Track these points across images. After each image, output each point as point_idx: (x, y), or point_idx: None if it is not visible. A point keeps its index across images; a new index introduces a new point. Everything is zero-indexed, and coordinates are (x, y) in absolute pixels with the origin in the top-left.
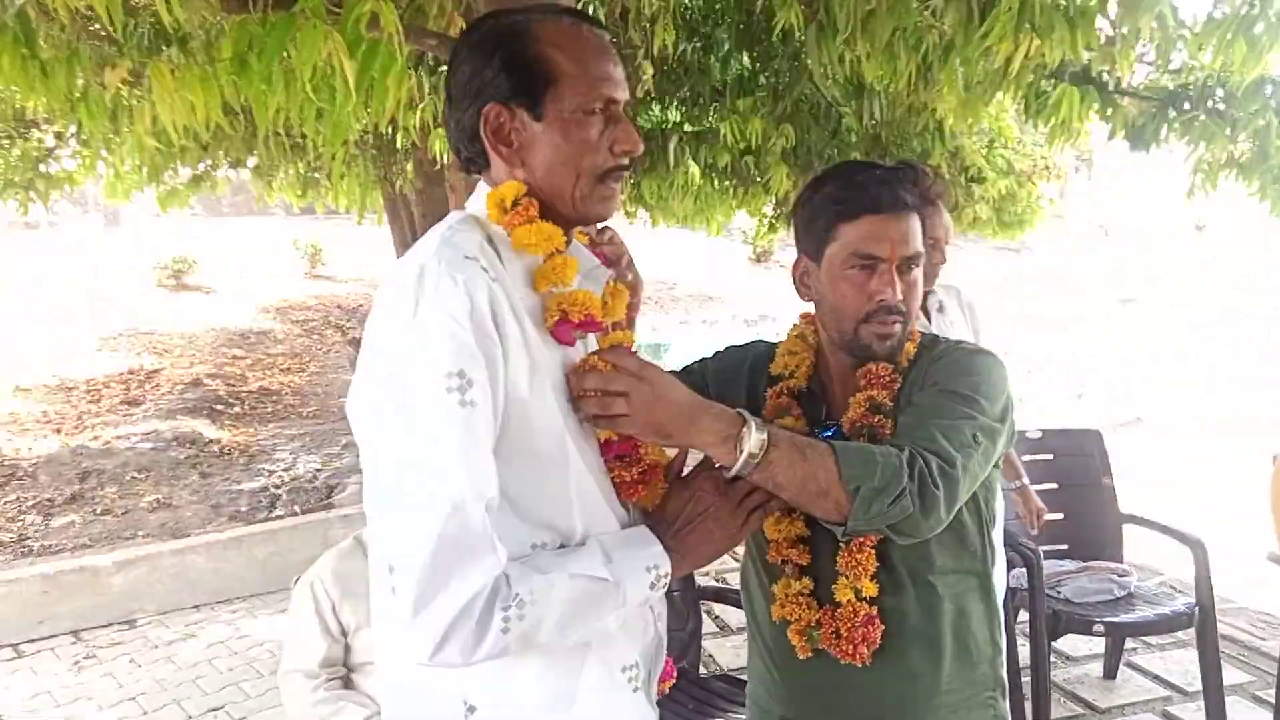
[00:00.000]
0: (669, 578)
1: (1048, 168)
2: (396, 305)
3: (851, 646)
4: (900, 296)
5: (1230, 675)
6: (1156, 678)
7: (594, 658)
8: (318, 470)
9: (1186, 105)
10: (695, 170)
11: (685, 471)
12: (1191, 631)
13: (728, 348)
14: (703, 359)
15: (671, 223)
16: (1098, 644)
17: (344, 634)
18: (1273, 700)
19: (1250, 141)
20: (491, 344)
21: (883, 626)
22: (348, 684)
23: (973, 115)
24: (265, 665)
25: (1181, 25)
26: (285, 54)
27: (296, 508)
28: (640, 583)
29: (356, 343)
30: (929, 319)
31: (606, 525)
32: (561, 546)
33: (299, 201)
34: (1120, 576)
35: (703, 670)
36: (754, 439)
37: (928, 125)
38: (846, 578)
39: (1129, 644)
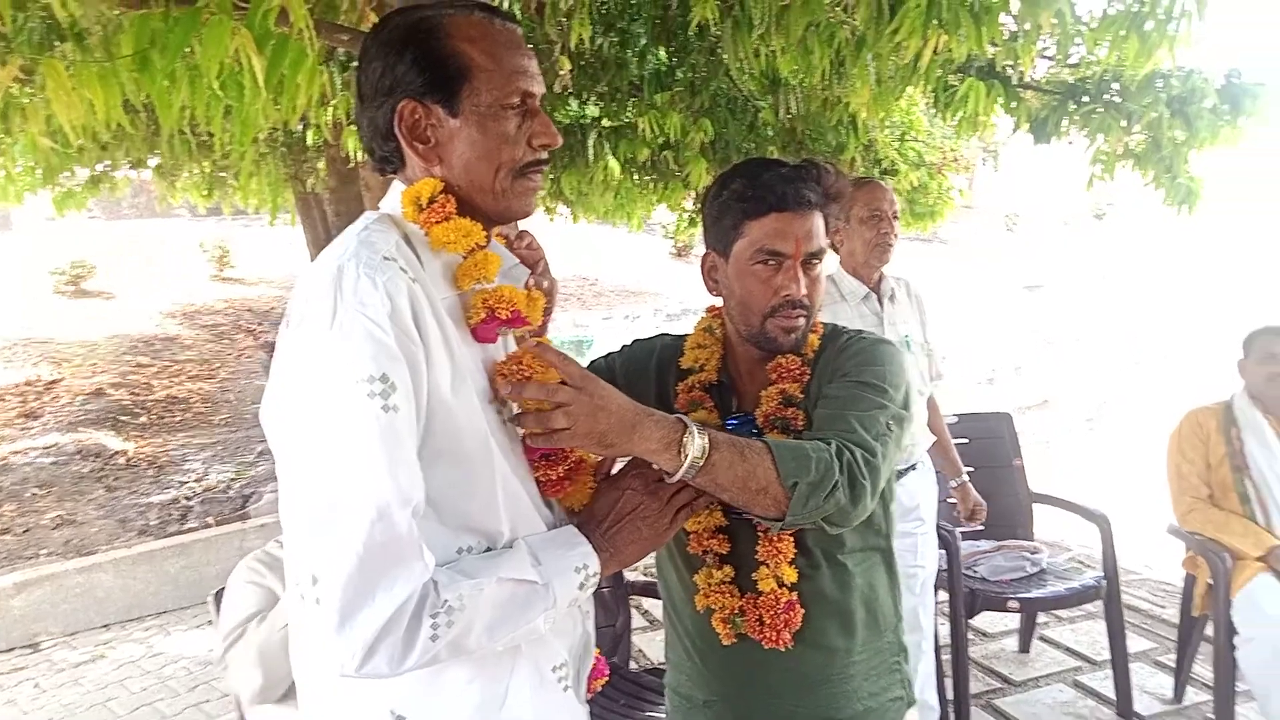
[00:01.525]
0: (598, 577)
1: (956, 159)
2: (313, 308)
3: (775, 633)
4: (804, 291)
5: (1135, 643)
6: (1067, 649)
7: (524, 659)
8: (231, 480)
9: (1085, 98)
10: (615, 165)
11: (614, 471)
12: (1099, 603)
13: (634, 342)
14: (609, 354)
15: (592, 218)
16: (1012, 620)
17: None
18: (1173, 665)
19: (1144, 133)
20: (413, 346)
21: (803, 610)
22: None
23: (884, 109)
24: (182, 683)
25: (1079, 21)
26: (189, 50)
27: (210, 519)
28: (569, 583)
29: (269, 347)
30: (881, 306)
31: (533, 526)
32: (488, 550)
33: (204, 202)
34: (1032, 554)
35: (633, 665)
36: (696, 444)
37: (842, 119)
38: (767, 566)
39: (1041, 618)
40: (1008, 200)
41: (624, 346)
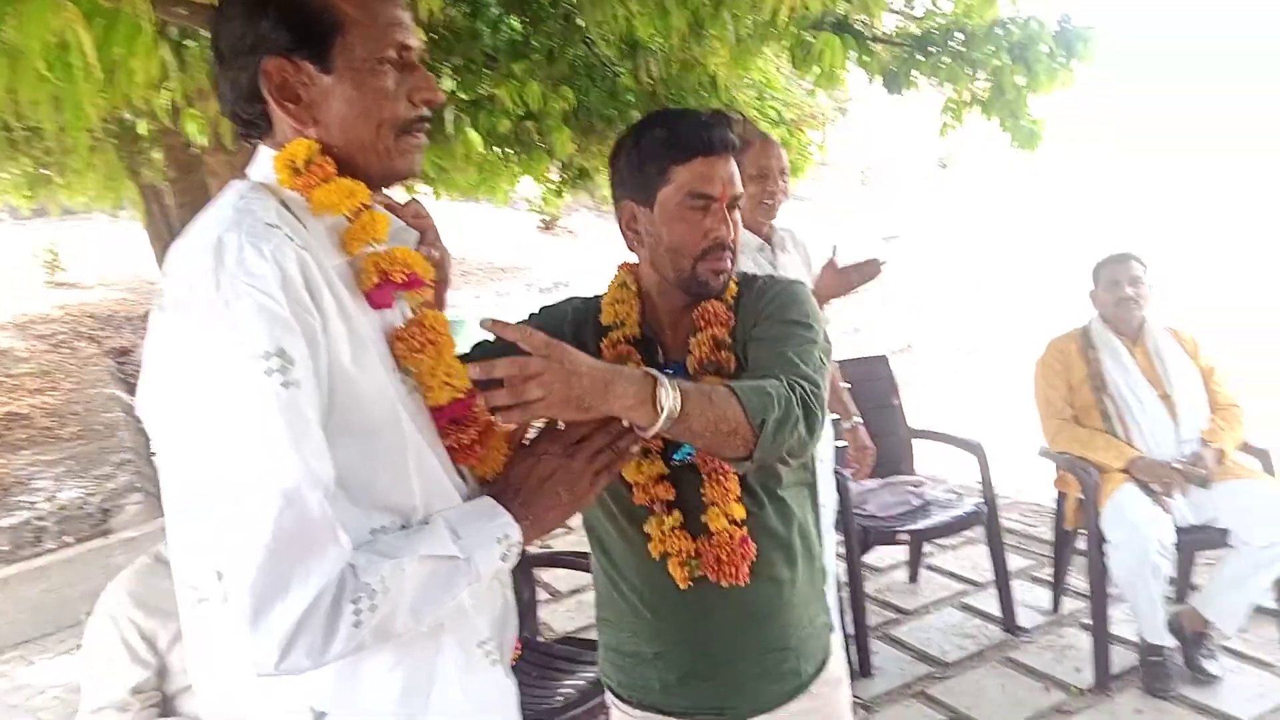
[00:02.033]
0: (520, 546)
1: (813, 115)
2: (193, 286)
3: (733, 568)
4: (732, 234)
5: (1013, 562)
6: (952, 574)
7: (448, 638)
8: (88, 495)
9: (933, 49)
10: (476, 138)
11: (527, 438)
12: (979, 529)
13: (542, 309)
14: (521, 322)
15: (455, 195)
16: (901, 553)
17: (156, 655)
18: (1050, 579)
19: (988, 79)
20: (309, 316)
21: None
22: (166, 710)
23: (743, 68)
24: (54, 714)
25: None
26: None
27: (68, 539)
28: (491, 555)
29: (116, 352)
30: (774, 254)
31: (447, 499)
32: (403, 528)
33: (27, 204)
34: (916, 488)
35: (541, 638)
36: (670, 395)
37: (702, 80)
38: (718, 506)
39: (926, 548)
40: (861, 155)
41: (531, 314)
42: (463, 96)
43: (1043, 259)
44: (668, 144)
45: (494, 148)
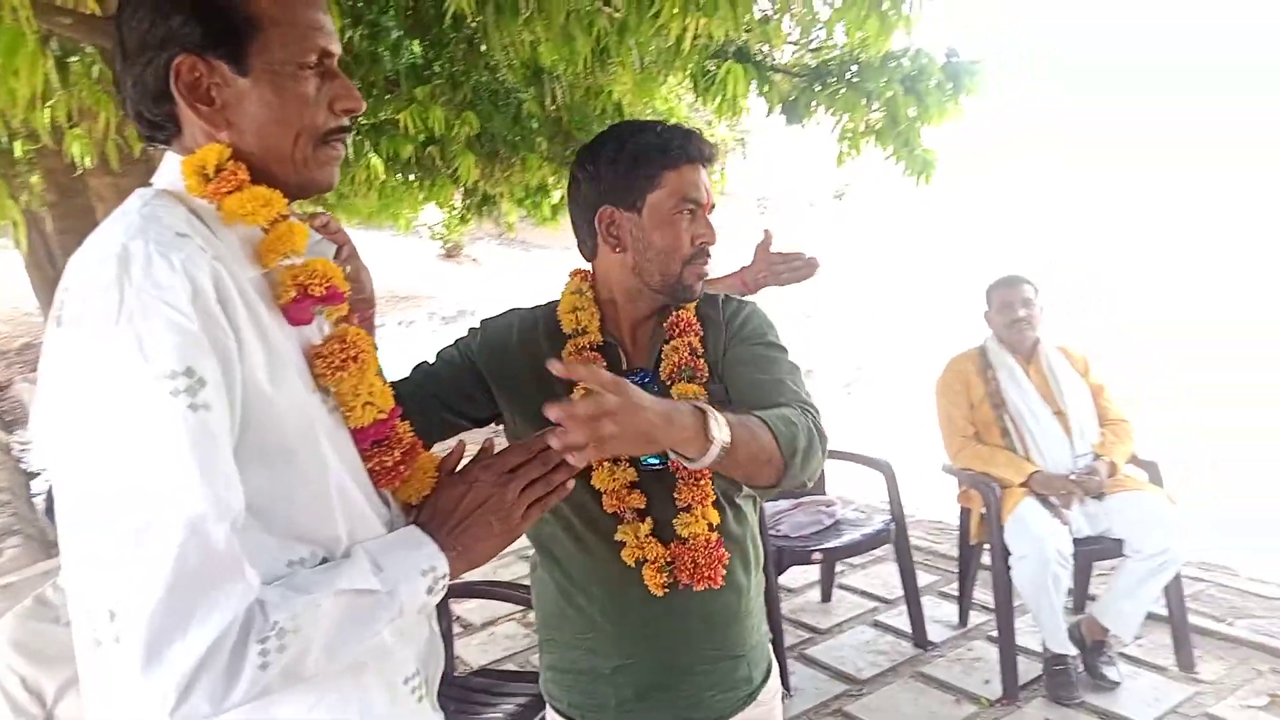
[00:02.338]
0: (447, 579)
1: (714, 145)
2: (94, 299)
3: (711, 572)
4: (714, 240)
5: (921, 578)
6: (864, 593)
7: (371, 677)
8: None
9: (830, 79)
10: (378, 163)
11: (459, 466)
12: (888, 547)
13: (483, 324)
14: (459, 339)
15: (355, 222)
16: (814, 573)
17: (43, 708)
18: (956, 593)
19: (882, 110)
20: (223, 333)
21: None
22: None
23: (648, 95)
24: None
25: (824, 4)
26: None
27: None
28: (416, 589)
29: None
30: None
31: (371, 528)
32: (324, 561)
33: None
34: (827, 507)
35: (456, 671)
36: (721, 428)
37: (606, 108)
38: (694, 510)
39: (838, 567)
40: (758, 186)
41: (472, 330)
42: (363, 120)
43: (938, 282)
44: (660, 149)
45: (396, 173)
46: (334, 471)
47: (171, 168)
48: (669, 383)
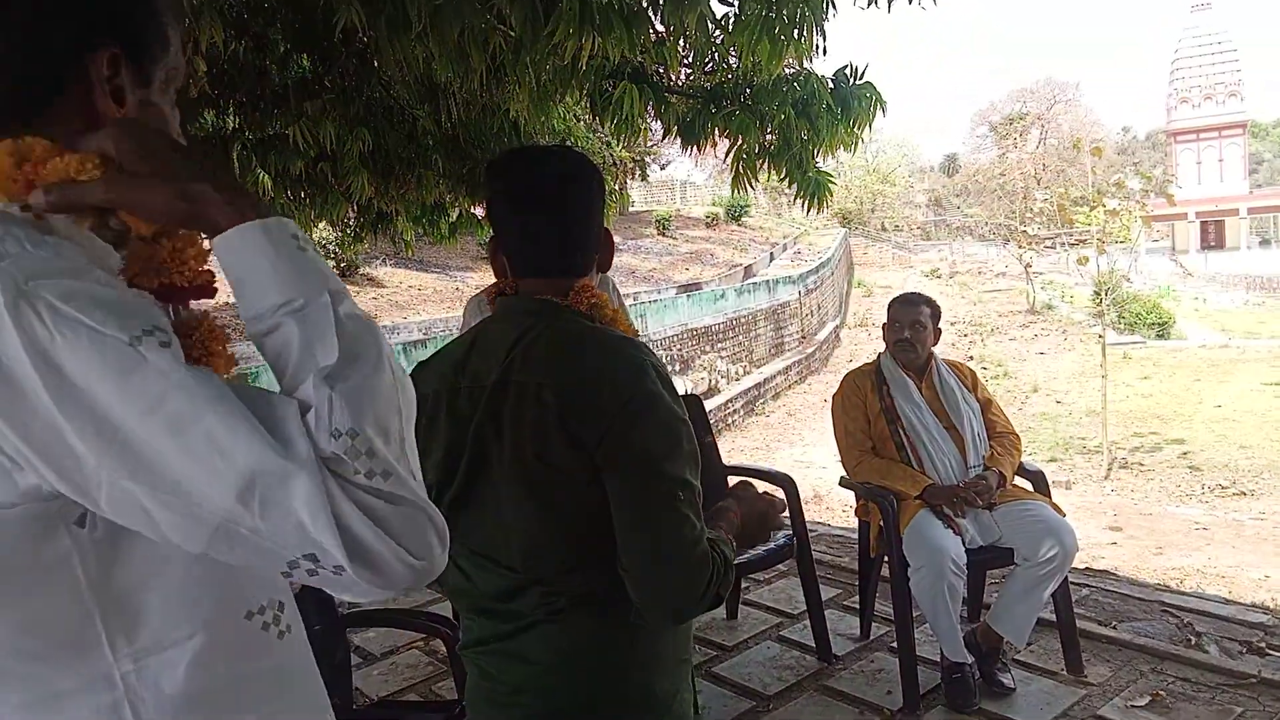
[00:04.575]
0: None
1: (614, 165)
2: None
3: None
4: None
5: (824, 592)
6: (768, 608)
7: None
8: None
9: (725, 102)
10: (266, 179)
11: None
12: (790, 562)
13: (433, 357)
14: (413, 371)
15: None
16: None
17: None
18: (857, 606)
19: (776, 133)
20: None
21: None
22: None
23: (544, 113)
24: None
25: (717, 26)
26: None
27: None
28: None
29: None
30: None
31: None
32: None
33: None
34: None
35: (356, 704)
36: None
37: (503, 126)
38: None
39: (743, 584)
40: (659, 207)
41: (421, 364)
42: (249, 135)
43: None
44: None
45: (286, 190)
46: None
47: None
48: None
